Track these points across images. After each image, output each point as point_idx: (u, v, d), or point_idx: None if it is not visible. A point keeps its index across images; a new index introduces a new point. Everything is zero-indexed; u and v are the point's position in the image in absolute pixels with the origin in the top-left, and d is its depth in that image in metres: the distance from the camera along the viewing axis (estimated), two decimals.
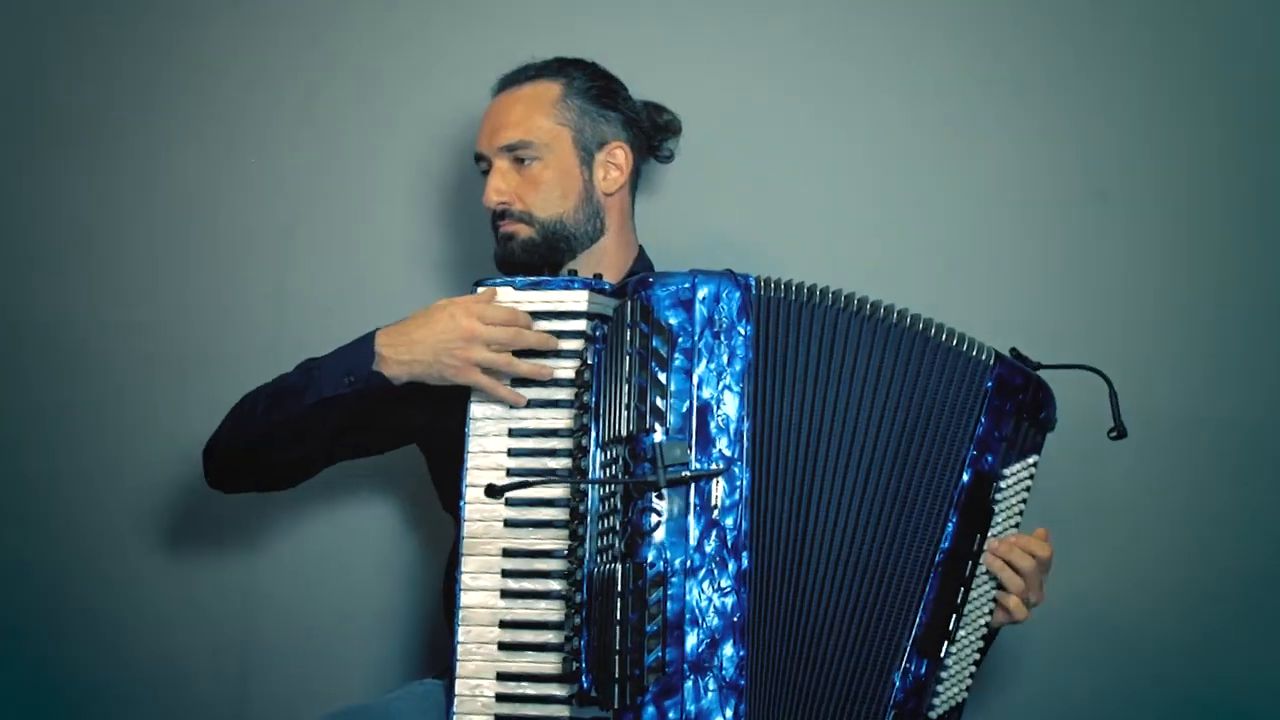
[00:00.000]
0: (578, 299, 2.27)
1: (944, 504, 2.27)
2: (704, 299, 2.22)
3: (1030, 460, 2.34)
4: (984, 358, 2.29)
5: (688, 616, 2.14)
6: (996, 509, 2.31)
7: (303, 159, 3.10)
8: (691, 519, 2.16)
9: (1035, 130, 2.95)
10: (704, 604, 2.15)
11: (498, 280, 2.30)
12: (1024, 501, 2.34)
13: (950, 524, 2.27)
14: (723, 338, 2.21)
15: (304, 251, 3.10)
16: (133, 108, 3.10)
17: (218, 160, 3.11)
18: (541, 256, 2.52)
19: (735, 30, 3.02)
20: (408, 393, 2.33)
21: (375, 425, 2.44)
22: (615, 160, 2.57)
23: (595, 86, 2.58)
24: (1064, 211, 2.95)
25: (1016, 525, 2.34)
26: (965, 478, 2.28)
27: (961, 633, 2.29)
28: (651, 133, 2.66)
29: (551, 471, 2.24)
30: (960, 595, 2.28)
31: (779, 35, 3.00)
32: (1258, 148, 2.92)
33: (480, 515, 2.26)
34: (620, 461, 2.17)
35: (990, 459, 2.29)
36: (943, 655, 2.27)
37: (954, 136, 2.96)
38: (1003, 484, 2.31)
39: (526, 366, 2.24)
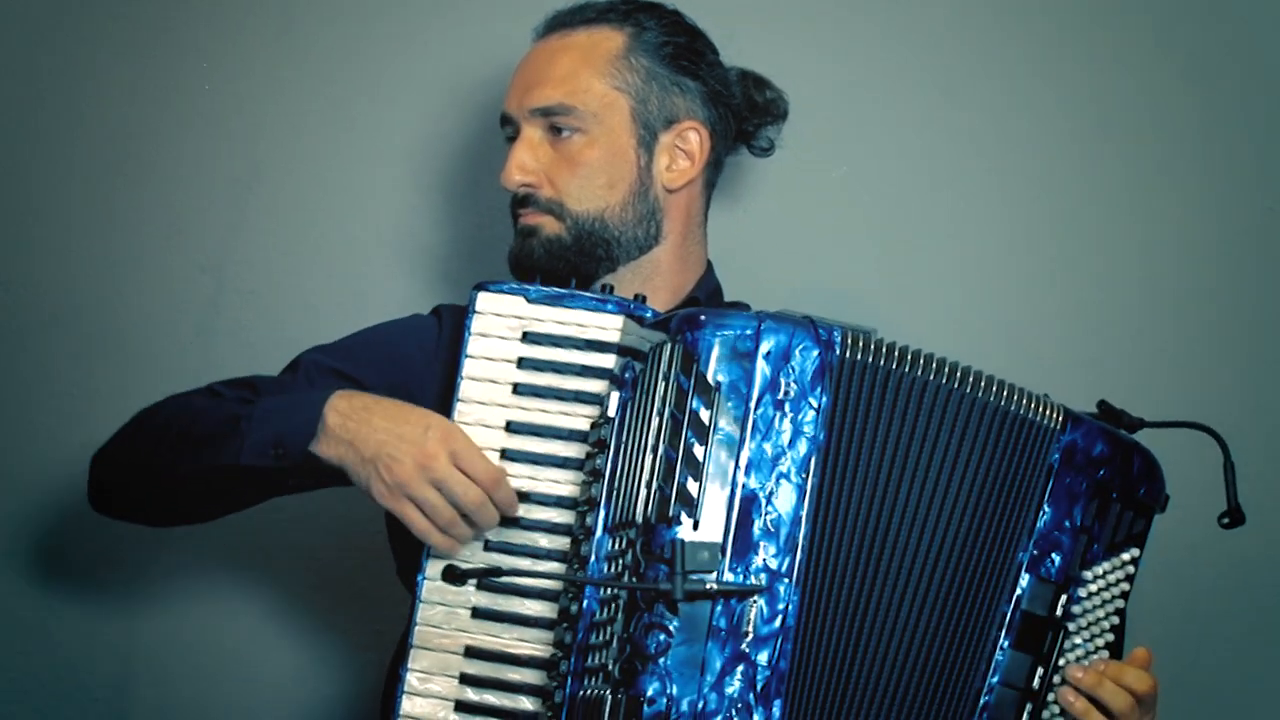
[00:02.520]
0: (608, 325, 2.22)
1: (991, 627, 2.23)
2: (769, 353, 2.13)
3: (1126, 556, 2.29)
4: (1049, 422, 2.25)
5: None
6: (1073, 626, 2.26)
7: (274, 96, 3.08)
8: (712, 647, 2.08)
9: (1179, 135, 3.07)
10: None
11: (506, 285, 2.26)
12: (1119, 613, 2.28)
13: (1000, 654, 2.24)
14: (788, 409, 2.13)
15: (259, 217, 3.07)
16: (44, 16, 3.10)
17: (159, 88, 3.08)
18: (569, 262, 2.45)
19: None
20: None
21: (311, 474, 2.36)
22: (686, 145, 2.50)
23: (673, 44, 2.51)
24: (1219, 226, 3.06)
25: (1109, 646, 2.28)
26: (1021, 587, 2.24)
27: None
28: (745, 113, 2.60)
29: (545, 555, 2.20)
30: None
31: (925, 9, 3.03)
32: None
33: (441, 598, 2.21)
34: (630, 555, 2.11)
35: (1057, 559, 2.25)
36: None
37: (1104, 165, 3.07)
38: (1081, 591, 2.26)
39: (469, 534, 2.18)
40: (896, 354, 2.19)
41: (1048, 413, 2.24)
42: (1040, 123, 3.05)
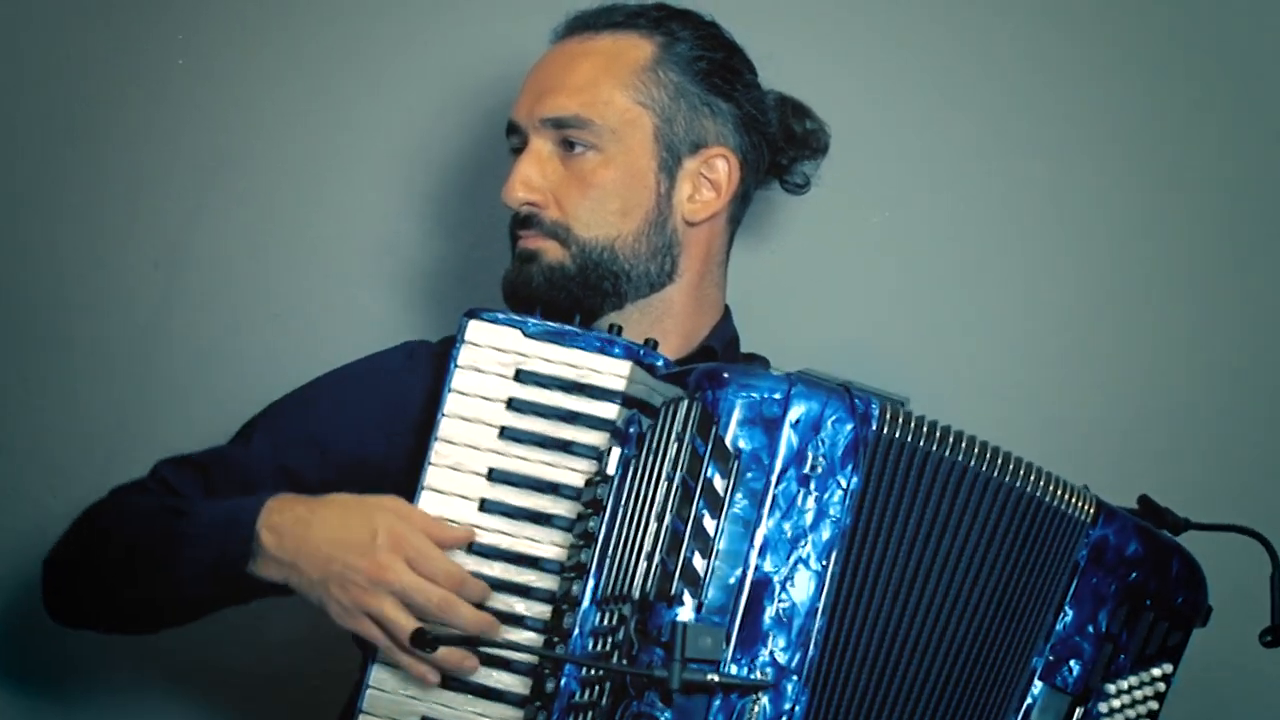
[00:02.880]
0: (614, 371, 2.13)
1: None
2: (798, 422, 2.04)
3: (1157, 671, 2.22)
4: (1079, 514, 2.19)
5: None
6: None
7: (256, 76, 3.05)
8: None
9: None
10: None
11: (501, 315, 2.18)
12: None
13: None
14: (814, 487, 2.04)
15: (222, 208, 3.03)
16: None
17: (125, 58, 3.04)
18: (571, 295, 2.37)
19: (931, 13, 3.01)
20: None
21: (257, 590, 2.33)
22: (713, 174, 2.41)
23: (707, 59, 2.42)
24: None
25: None
26: (1032, 695, 2.18)
27: None
28: (781, 143, 2.53)
29: (519, 621, 2.10)
30: None
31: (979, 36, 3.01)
32: None
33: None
34: (622, 634, 2.02)
35: (1075, 668, 2.18)
36: None
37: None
38: (1102, 706, 2.19)
39: (439, 650, 2.07)
40: (937, 433, 2.12)
41: (1079, 504, 2.18)
42: (1111, 177, 3.00)
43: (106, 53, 3.04)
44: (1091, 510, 2.18)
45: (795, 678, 2.00)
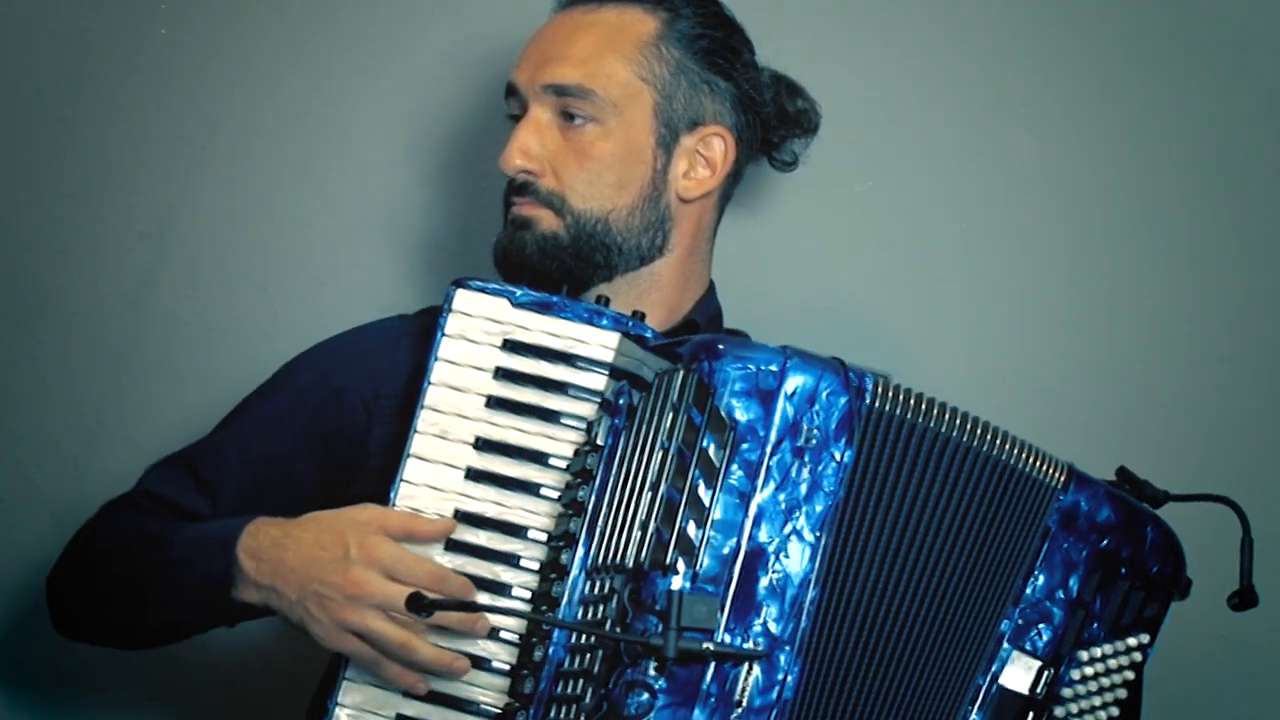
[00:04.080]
0: (603, 342, 2.16)
1: (963, 701, 2.21)
2: (794, 394, 2.07)
3: (1132, 641, 2.23)
4: (1050, 479, 2.21)
5: None
6: (1060, 711, 2.21)
7: (248, 45, 3.02)
8: (699, 714, 2.03)
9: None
10: None
11: (490, 285, 2.20)
12: (1119, 704, 2.23)
13: None
14: (808, 459, 2.07)
15: (211, 179, 3.01)
16: None
17: (109, 24, 3.02)
18: (563, 265, 2.39)
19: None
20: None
21: (245, 611, 2.35)
22: (709, 152, 2.44)
23: (709, 37, 2.44)
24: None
25: None
26: (1000, 658, 2.21)
27: None
28: (775, 123, 2.55)
29: (505, 589, 2.11)
30: None
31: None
32: None
33: None
34: (615, 603, 2.04)
35: (1045, 633, 2.21)
36: None
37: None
38: (1074, 673, 2.22)
39: (429, 652, 2.09)
40: (924, 405, 2.16)
41: (1049, 470, 2.20)
42: (1100, 149, 3.00)
43: (93, 24, 3.01)
44: (1062, 476, 2.20)
45: (788, 648, 2.04)
